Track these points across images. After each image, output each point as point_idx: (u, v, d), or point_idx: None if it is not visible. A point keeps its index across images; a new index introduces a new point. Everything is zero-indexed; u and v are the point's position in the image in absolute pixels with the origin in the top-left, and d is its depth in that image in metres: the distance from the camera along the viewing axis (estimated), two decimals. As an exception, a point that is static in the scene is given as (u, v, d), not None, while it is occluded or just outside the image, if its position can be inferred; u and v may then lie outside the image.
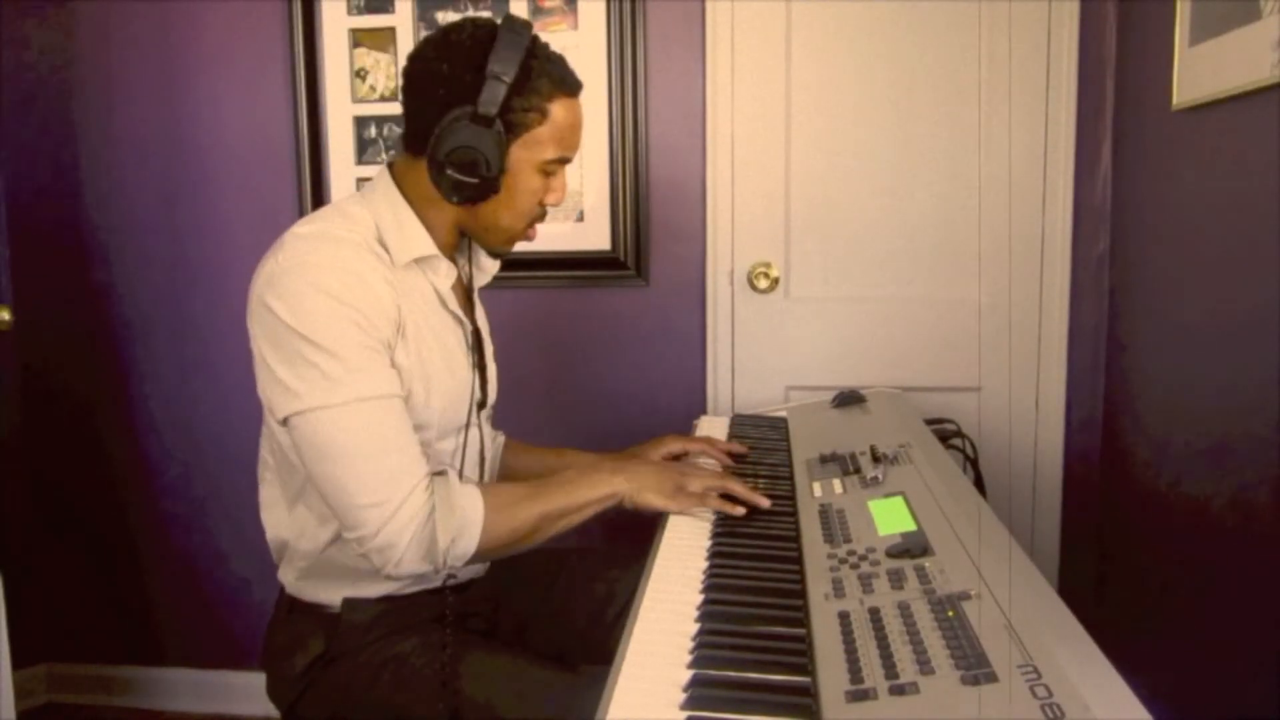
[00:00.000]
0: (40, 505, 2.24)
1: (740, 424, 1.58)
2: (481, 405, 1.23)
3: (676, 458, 1.39)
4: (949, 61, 1.88)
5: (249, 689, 2.13)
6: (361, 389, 1.01)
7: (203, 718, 2.21)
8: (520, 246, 1.22)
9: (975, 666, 0.66)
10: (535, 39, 1.09)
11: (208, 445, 2.16)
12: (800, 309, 1.98)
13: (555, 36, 1.96)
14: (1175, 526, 1.52)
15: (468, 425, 1.20)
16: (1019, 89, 1.87)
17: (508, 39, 1.06)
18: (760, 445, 1.45)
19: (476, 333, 1.25)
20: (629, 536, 1.26)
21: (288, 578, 1.20)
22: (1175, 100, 1.48)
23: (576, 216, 2.00)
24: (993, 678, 0.64)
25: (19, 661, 1.70)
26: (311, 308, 1.01)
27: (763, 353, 2.00)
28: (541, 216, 1.17)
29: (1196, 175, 1.48)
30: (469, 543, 1.05)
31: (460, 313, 1.19)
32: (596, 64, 1.95)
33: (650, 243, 2.00)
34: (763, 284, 1.96)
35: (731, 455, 1.39)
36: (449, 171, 1.07)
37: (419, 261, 1.13)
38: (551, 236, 1.97)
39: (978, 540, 0.88)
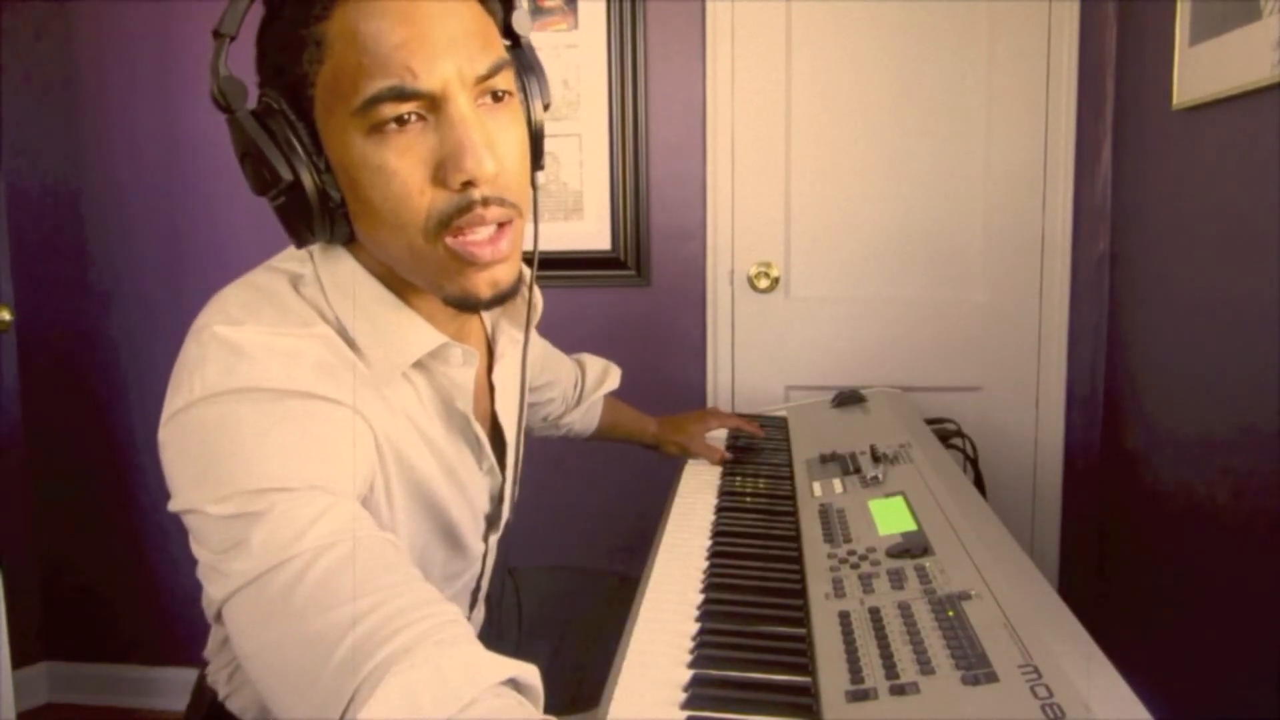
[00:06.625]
0: (40, 505, 2.24)
1: (740, 424, 1.58)
2: (492, 524, 0.91)
3: None
4: (949, 61, 1.88)
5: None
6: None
7: (203, 718, 2.21)
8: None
9: (975, 666, 0.66)
10: None
11: (208, 445, 2.15)
12: (800, 309, 1.98)
13: (555, 36, 1.96)
14: (1175, 526, 1.52)
15: (484, 556, 0.90)
16: (1019, 89, 1.87)
17: None
18: (761, 445, 1.45)
19: (495, 426, 0.90)
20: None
21: (215, 677, 0.91)
22: (1175, 100, 1.48)
23: (576, 216, 2.00)
24: (993, 678, 0.64)
25: (19, 661, 1.70)
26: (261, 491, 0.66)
27: (763, 353, 2.00)
28: (461, 211, 0.68)
29: (1196, 175, 1.48)
30: None
31: (471, 413, 0.84)
32: (596, 64, 1.95)
33: (650, 243, 2.00)
34: (763, 284, 1.96)
35: (734, 447, 1.45)
36: (271, 201, 0.71)
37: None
38: (551, 236, 1.96)
39: (978, 540, 0.88)
